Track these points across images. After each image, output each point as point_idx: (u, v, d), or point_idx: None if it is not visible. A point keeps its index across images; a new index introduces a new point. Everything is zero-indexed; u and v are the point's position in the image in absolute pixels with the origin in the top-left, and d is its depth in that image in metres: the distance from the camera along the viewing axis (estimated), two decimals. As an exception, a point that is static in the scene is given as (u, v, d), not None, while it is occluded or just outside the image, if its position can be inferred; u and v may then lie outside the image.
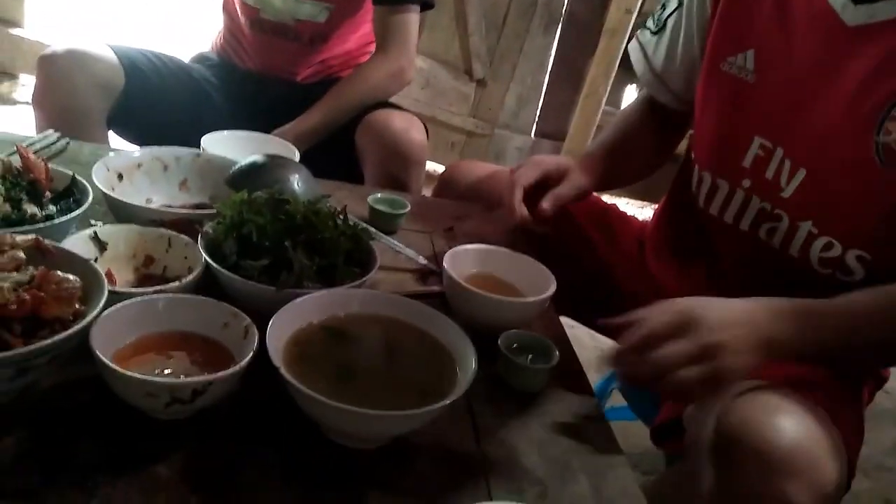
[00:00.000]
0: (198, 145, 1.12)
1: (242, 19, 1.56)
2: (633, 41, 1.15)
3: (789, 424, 0.70)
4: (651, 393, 1.10)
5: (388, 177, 1.50)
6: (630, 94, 3.12)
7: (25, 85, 3.10)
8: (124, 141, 1.54)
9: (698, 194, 1.00)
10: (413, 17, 1.56)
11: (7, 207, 0.79)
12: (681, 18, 1.04)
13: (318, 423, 0.66)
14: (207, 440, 0.65)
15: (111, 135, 1.48)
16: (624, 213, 1.29)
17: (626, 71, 2.71)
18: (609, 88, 2.61)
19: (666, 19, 1.07)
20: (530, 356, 0.81)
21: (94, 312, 0.63)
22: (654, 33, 1.09)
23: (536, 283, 0.93)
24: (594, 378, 1.26)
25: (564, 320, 1.04)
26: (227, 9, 1.63)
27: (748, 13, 0.92)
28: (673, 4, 1.06)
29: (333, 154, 1.44)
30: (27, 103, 3.05)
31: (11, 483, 0.57)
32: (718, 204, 0.97)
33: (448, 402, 0.63)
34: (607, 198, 1.40)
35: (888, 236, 0.81)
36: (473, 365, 0.68)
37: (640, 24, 1.18)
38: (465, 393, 0.67)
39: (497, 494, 0.66)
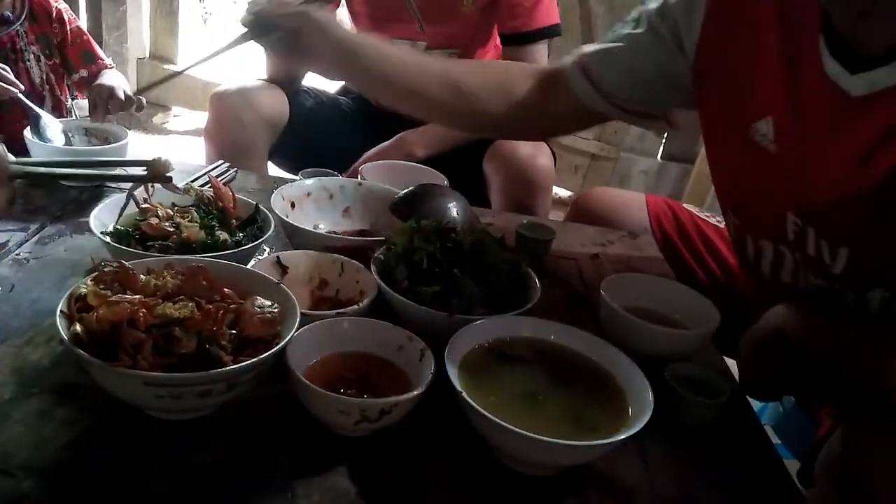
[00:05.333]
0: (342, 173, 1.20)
1: None
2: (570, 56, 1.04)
3: None
4: (807, 430, 1.05)
5: (515, 202, 1.52)
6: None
7: (178, 116, 3.38)
8: (280, 170, 1.66)
9: (759, 262, 0.90)
10: (542, 51, 1.59)
11: (202, 234, 0.87)
12: (636, 30, 0.96)
13: (493, 446, 0.68)
14: (388, 457, 0.68)
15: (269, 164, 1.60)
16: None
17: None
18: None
19: (620, 30, 1.00)
20: (696, 389, 0.79)
21: (291, 333, 0.68)
22: (605, 42, 1.01)
23: (694, 314, 0.92)
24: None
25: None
26: None
27: (759, 75, 0.83)
28: (633, 15, 0.99)
29: (460, 181, 1.48)
30: (179, 133, 3.33)
31: (221, 488, 0.62)
32: (788, 274, 0.87)
33: (628, 434, 0.63)
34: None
35: None
36: (650, 399, 0.68)
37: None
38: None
39: (674, 530, 0.65)
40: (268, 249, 0.97)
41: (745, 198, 0.91)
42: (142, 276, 0.70)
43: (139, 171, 0.90)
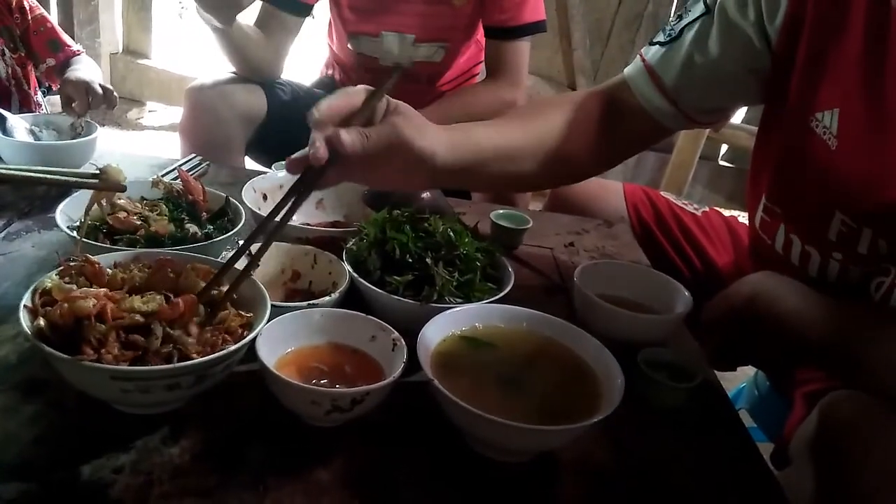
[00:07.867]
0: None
1: (356, 65, 1.62)
2: (633, 63, 0.99)
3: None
4: (782, 413, 1.06)
5: (495, 192, 1.52)
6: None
7: (153, 111, 3.34)
8: (257, 165, 1.65)
9: (788, 255, 0.88)
10: (525, 46, 1.59)
11: (171, 227, 0.86)
12: (708, 27, 0.91)
13: (467, 434, 0.68)
14: (361, 447, 0.68)
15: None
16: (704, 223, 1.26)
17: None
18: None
19: (682, 29, 0.93)
20: (668, 374, 0.80)
21: (261, 325, 0.68)
22: (665, 44, 0.95)
23: (667, 299, 0.92)
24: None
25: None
26: (333, 47, 1.70)
27: (835, 62, 0.80)
28: (696, 12, 0.92)
29: None
30: (154, 128, 3.29)
31: (192, 483, 0.62)
32: (815, 268, 0.85)
33: (599, 418, 0.64)
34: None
35: None
36: (620, 383, 0.68)
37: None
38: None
39: (646, 512, 0.66)
40: (240, 242, 0.96)
41: (790, 190, 0.87)
42: (108, 269, 0.69)
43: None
